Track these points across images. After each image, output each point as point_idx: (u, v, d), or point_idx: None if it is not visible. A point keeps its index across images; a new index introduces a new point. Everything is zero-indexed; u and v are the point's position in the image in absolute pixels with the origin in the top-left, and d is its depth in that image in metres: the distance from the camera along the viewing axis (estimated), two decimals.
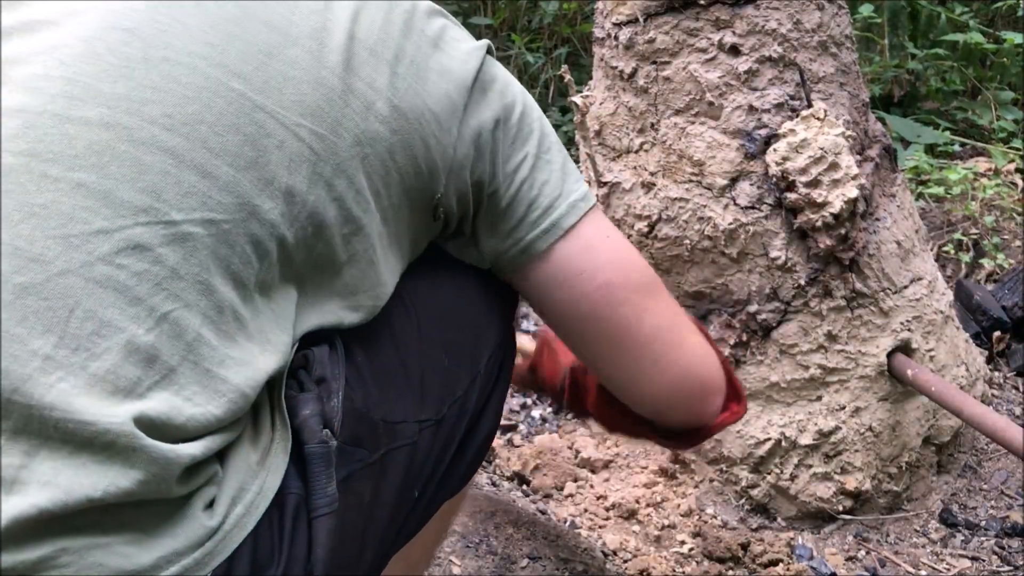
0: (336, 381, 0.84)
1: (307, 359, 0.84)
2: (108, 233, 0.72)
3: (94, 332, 0.70)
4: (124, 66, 0.77)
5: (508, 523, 1.65)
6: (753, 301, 1.69)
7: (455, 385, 0.96)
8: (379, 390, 0.88)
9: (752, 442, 1.71)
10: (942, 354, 1.78)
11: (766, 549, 1.62)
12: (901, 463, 1.74)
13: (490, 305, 1.02)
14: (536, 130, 0.98)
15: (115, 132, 0.75)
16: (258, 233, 0.78)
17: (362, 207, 0.85)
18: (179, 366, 0.72)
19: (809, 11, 1.66)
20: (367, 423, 0.86)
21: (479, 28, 4.28)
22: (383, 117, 0.85)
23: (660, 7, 1.66)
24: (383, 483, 0.87)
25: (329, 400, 0.82)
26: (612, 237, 1.01)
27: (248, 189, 0.77)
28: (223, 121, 0.77)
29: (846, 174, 1.61)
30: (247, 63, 0.80)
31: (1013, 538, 1.69)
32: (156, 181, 0.74)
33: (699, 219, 1.68)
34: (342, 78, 0.84)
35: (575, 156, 2.26)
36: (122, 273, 0.72)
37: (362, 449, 0.85)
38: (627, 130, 1.76)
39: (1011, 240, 2.55)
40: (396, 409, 0.89)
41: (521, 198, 0.96)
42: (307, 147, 0.80)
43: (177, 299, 0.73)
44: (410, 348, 0.93)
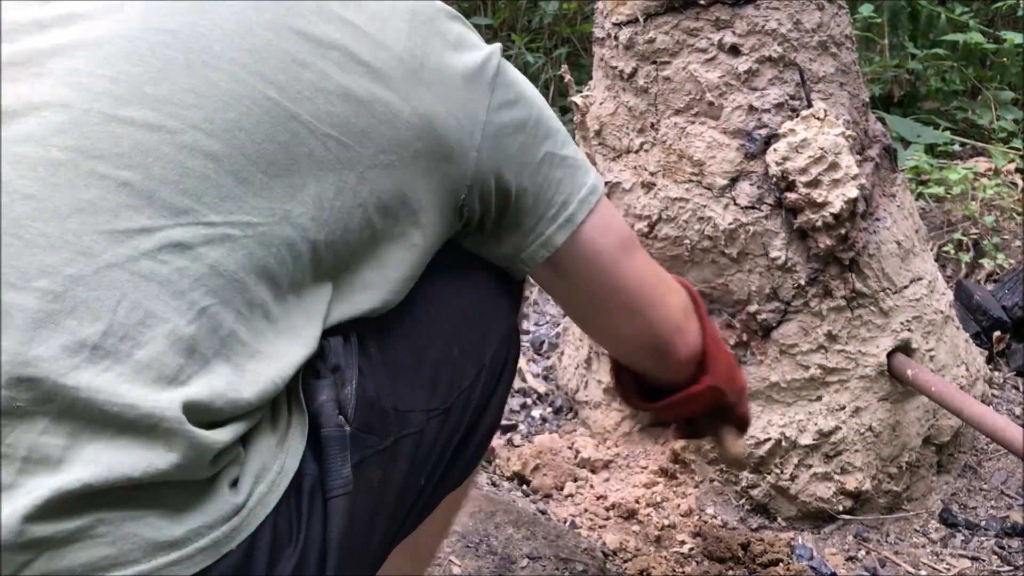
0: (350, 370, 0.87)
1: (323, 349, 0.87)
2: (151, 231, 0.75)
3: (140, 322, 0.73)
4: (167, 68, 0.79)
5: (508, 523, 1.65)
6: (753, 301, 1.69)
7: (462, 377, 1.00)
8: (390, 380, 0.92)
9: (752, 442, 1.71)
10: (942, 354, 1.78)
11: (766, 549, 1.62)
12: (901, 463, 1.74)
13: (498, 299, 1.07)
14: (553, 129, 1.05)
15: (160, 134, 0.77)
16: (291, 236, 0.81)
17: (383, 213, 0.88)
18: (213, 359, 0.76)
19: (809, 11, 1.66)
20: (378, 411, 0.89)
21: (479, 28, 4.28)
22: (409, 125, 0.89)
23: (660, 7, 1.66)
24: (392, 469, 0.91)
25: (343, 388, 0.86)
26: (615, 216, 1.12)
27: (280, 195, 0.81)
28: (260, 129, 0.80)
29: (846, 174, 1.61)
30: (282, 72, 0.83)
31: (1013, 538, 1.69)
32: (197, 185, 0.77)
33: (699, 219, 1.68)
34: (369, 89, 0.86)
35: None
36: (165, 268, 0.75)
37: (374, 436, 0.88)
38: (627, 130, 1.76)
39: (1011, 240, 2.55)
40: (406, 398, 0.93)
41: (541, 196, 1.02)
42: (334, 156, 0.84)
43: (215, 295, 0.76)
44: (420, 340, 0.97)
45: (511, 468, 1.86)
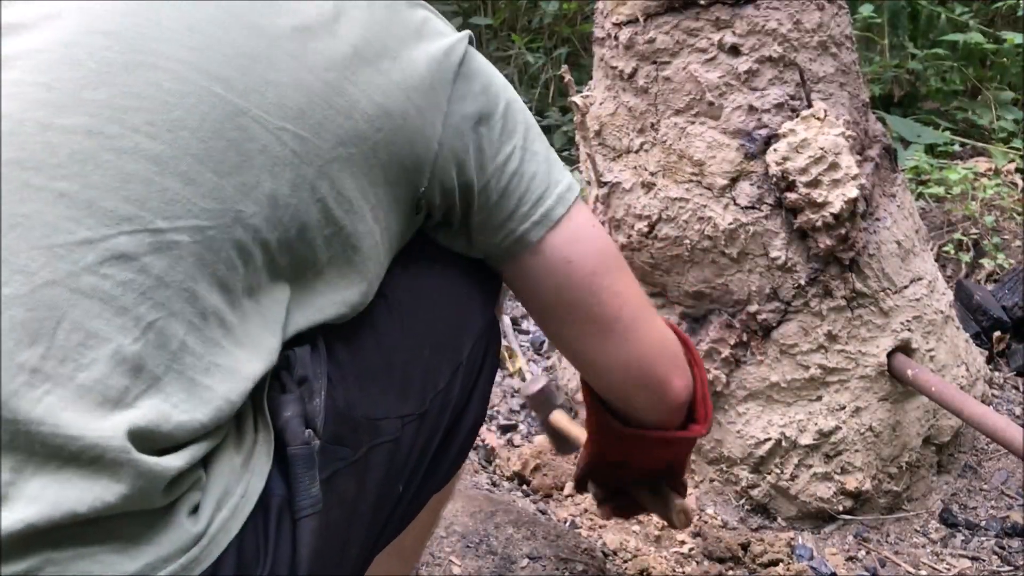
0: (318, 381, 0.84)
1: (289, 360, 0.84)
2: (92, 243, 0.72)
3: (81, 343, 0.70)
4: (105, 72, 0.77)
5: (508, 523, 1.65)
6: (753, 301, 1.69)
7: (437, 378, 0.97)
8: (361, 388, 0.89)
9: (752, 442, 1.71)
10: (942, 354, 1.78)
11: (766, 549, 1.62)
12: (901, 463, 1.74)
13: (471, 293, 1.03)
14: (521, 122, 0.99)
15: (98, 140, 0.74)
16: (242, 238, 0.77)
17: (344, 208, 0.84)
18: (164, 375, 0.72)
19: (809, 11, 1.66)
20: (349, 421, 0.86)
21: (479, 28, 4.28)
22: (367, 116, 0.85)
23: (660, 7, 1.66)
24: (366, 480, 0.88)
25: (311, 400, 0.83)
26: (595, 225, 1.04)
27: (232, 195, 0.77)
28: (206, 126, 0.77)
29: (846, 174, 1.61)
30: (229, 67, 0.79)
31: (1013, 538, 1.69)
32: (140, 190, 0.74)
33: (699, 219, 1.68)
34: (324, 79, 0.83)
35: (575, 156, 2.26)
36: (107, 283, 0.71)
37: (344, 447, 0.85)
38: (627, 130, 1.76)
39: (1011, 240, 2.55)
40: (378, 406, 0.90)
41: (512, 191, 0.97)
42: (289, 150, 0.80)
43: (162, 308, 0.73)
44: (392, 343, 0.94)
45: (511, 468, 1.86)
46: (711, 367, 1.71)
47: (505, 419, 2.05)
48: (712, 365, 1.71)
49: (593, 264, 1.01)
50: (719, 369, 1.71)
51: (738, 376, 1.72)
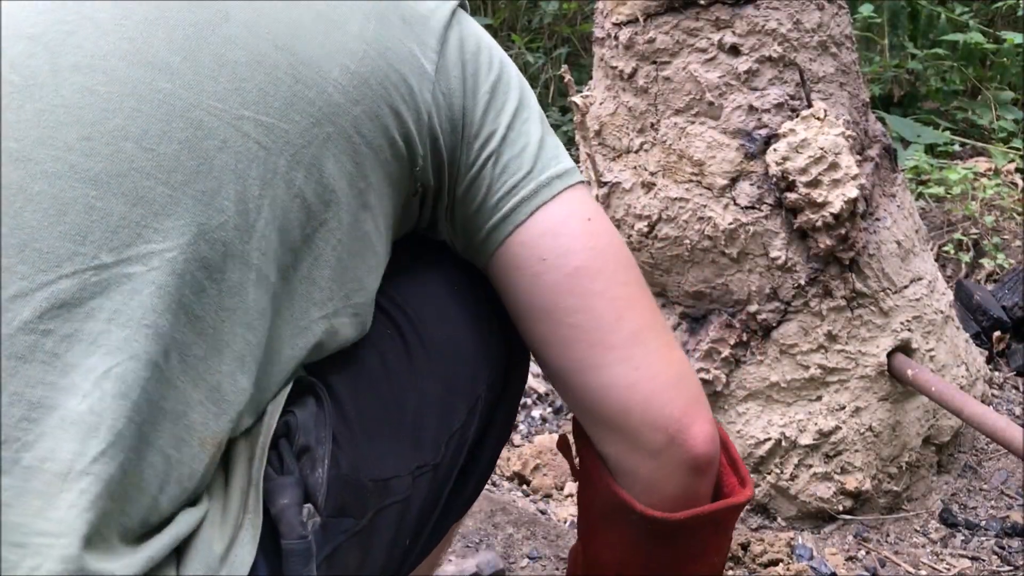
0: (322, 447, 0.74)
1: (289, 426, 0.74)
2: (27, 296, 0.61)
3: (23, 418, 0.60)
4: (29, 84, 0.66)
5: (508, 523, 1.66)
6: (753, 301, 1.69)
7: (453, 418, 0.85)
8: (369, 444, 0.78)
9: (752, 442, 1.71)
10: (942, 354, 1.78)
11: (766, 549, 1.62)
12: (901, 463, 1.74)
13: (490, 316, 0.89)
14: (513, 99, 0.85)
15: (26, 168, 0.63)
16: (208, 255, 0.67)
17: (325, 199, 0.73)
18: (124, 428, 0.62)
19: (809, 11, 1.66)
20: (354, 488, 0.76)
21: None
22: (341, 87, 0.73)
23: (660, 7, 1.66)
24: (371, 546, 0.78)
25: (313, 471, 0.73)
26: (594, 219, 0.86)
27: (191, 206, 0.66)
28: (152, 131, 0.66)
29: (846, 174, 1.61)
30: (173, 53, 0.69)
31: (1013, 538, 1.69)
32: (79, 220, 0.63)
33: (699, 219, 1.68)
34: (286, 49, 0.72)
35: (575, 156, 2.27)
36: (49, 340, 0.61)
37: (348, 518, 0.75)
38: (627, 130, 1.76)
39: (1011, 240, 2.55)
40: (388, 464, 0.79)
41: (484, 176, 0.84)
42: (254, 142, 0.69)
43: (119, 352, 0.63)
44: (404, 383, 0.82)
45: (511, 468, 1.86)
46: (711, 367, 1.71)
47: None
48: (712, 365, 1.71)
49: (578, 263, 0.83)
50: (719, 369, 1.71)
51: (738, 376, 1.72)
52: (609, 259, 0.85)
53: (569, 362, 0.85)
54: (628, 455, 0.87)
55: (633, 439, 0.85)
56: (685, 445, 0.84)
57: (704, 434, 0.84)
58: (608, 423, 0.86)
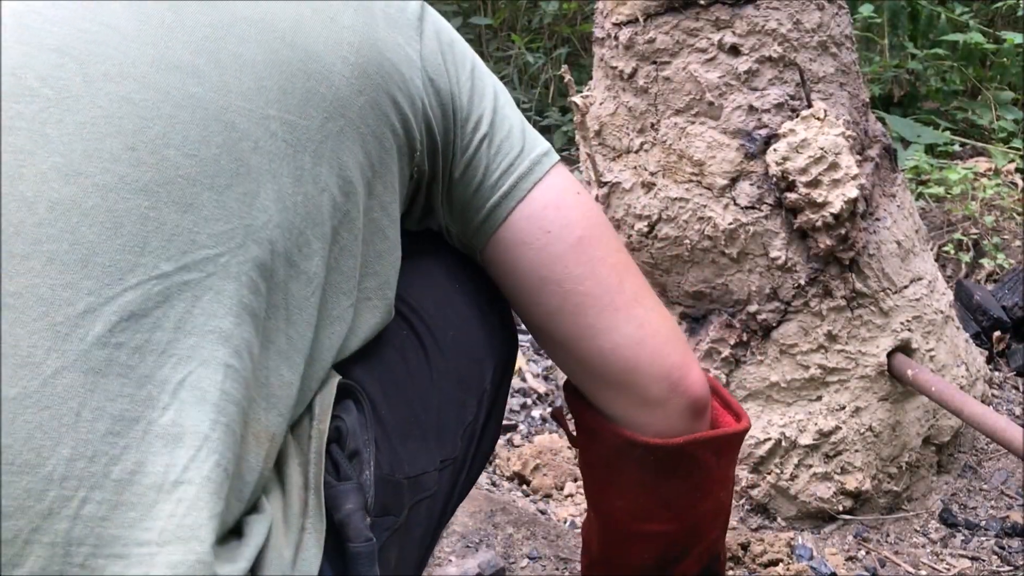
0: (367, 450, 0.77)
1: (339, 431, 0.76)
2: (95, 311, 0.62)
3: (108, 431, 0.61)
4: (64, 97, 0.65)
5: (508, 523, 1.66)
6: (753, 301, 1.69)
7: (466, 412, 0.89)
8: (402, 444, 0.81)
9: (752, 442, 1.71)
10: (942, 354, 1.78)
11: (766, 549, 1.62)
12: (901, 463, 1.74)
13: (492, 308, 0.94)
14: (490, 85, 0.89)
15: (77, 184, 0.63)
16: (259, 255, 0.68)
17: (346, 191, 0.75)
18: (212, 432, 0.63)
19: (809, 11, 1.66)
20: (393, 487, 0.79)
21: (479, 28, 4.28)
22: (345, 79, 0.75)
23: (660, 7, 1.66)
24: (407, 541, 0.82)
25: (361, 474, 0.76)
26: (581, 192, 0.91)
27: (236, 209, 0.67)
28: (192, 137, 0.67)
29: (846, 174, 1.61)
30: (196, 55, 0.69)
31: (1013, 538, 1.69)
32: (136, 232, 0.64)
33: (699, 219, 1.68)
34: (295, 45, 0.73)
35: (575, 156, 2.26)
36: (122, 353, 0.62)
37: (390, 516, 0.79)
38: (627, 130, 1.76)
39: (1011, 240, 2.55)
40: (418, 461, 0.83)
41: (480, 158, 0.87)
42: (281, 141, 0.70)
43: (190, 360, 0.64)
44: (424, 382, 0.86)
45: (511, 468, 1.86)
46: (711, 367, 1.71)
47: (505, 419, 2.04)
48: (712, 365, 1.71)
49: (580, 232, 0.88)
50: (719, 369, 1.71)
51: (738, 376, 1.72)
52: (603, 227, 0.91)
53: (580, 329, 0.89)
54: (634, 410, 0.92)
55: (641, 393, 0.91)
56: (687, 391, 0.91)
57: (699, 378, 0.92)
58: (616, 382, 0.91)
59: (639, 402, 0.91)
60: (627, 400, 0.92)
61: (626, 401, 0.92)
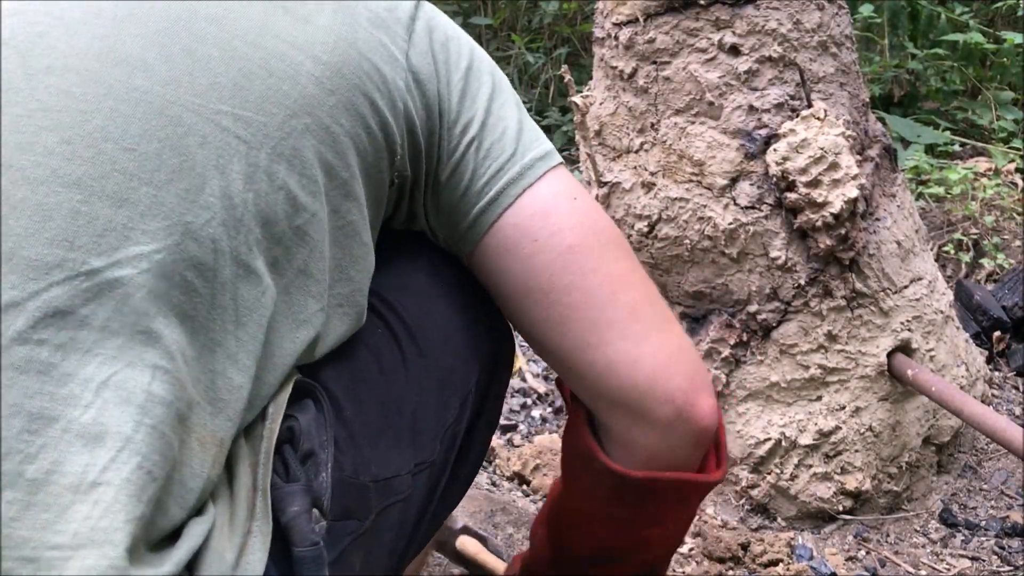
0: (324, 451, 0.74)
1: (292, 431, 0.74)
2: (19, 305, 0.60)
3: (23, 429, 0.59)
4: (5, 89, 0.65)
5: (508, 523, 1.66)
6: (753, 301, 1.69)
7: (446, 414, 0.86)
8: (370, 446, 0.79)
9: (752, 442, 1.71)
10: (942, 354, 1.78)
11: (766, 549, 1.62)
12: (901, 463, 1.74)
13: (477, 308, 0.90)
14: (487, 84, 0.86)
15: (7, 176, 0.62)
16: (198, 254, 0.66)
17: (310, 190, 0.73)
18: (135, 433, 0.61)
19: (809, 11, 1.66)
20: (357, 490, 0.77)
21: (479, 28, 4.28)
22: (315, 78, 0.73)
23: (660, 7, 1.66)
24: (375, 546, 0.79)
25: (317, 476, 0.73)
26: (580, 198, 0.87)
27: (176, 206, 0.66)
28: (132, 131, 0.66)
29: (846, 174, 1.61)
30: (146, 49, 0.68)
31: (1013, 538, 1.69)
32: (65, 226, 0.62)
33: (699, 219, 1.68)
34: (257, 43, 0.72)
35: (575, 156, 2.27)
36: (43, 350, 0.60)
37: (352, 520, 0.76)
38: (627, 130, 1.76)
39: (1011, 240, 2.55)
40: (390, 463, 0.80)
41: (467, 161, 0.84)
42: (234, 136, 0.69)
43: (115, 360, 0.62)
44: (399, 383, 0.83)
45: (511, 468, 1.86)
46: (711, 367, 1.71)
47: (505, 419, 2.04)
48: (712, 365, 1.71)
49: (571, 240, 0.83)
50: (719, 369, 1.71)
51: (738, 376, 1.72)
52: (599, 235, 0.86)
53: (569, 341, 0.85)
54: (633, 428, 0.87)
55: (641, 414, 0.85)
56: (693, 419, 0.85)
57: (710, 407, 0.86)
58: (614, 400, 0.86)
59: (637, 421, 0.86)
60: (624, 417, 0.87)
61: (623, 418, 0.87)
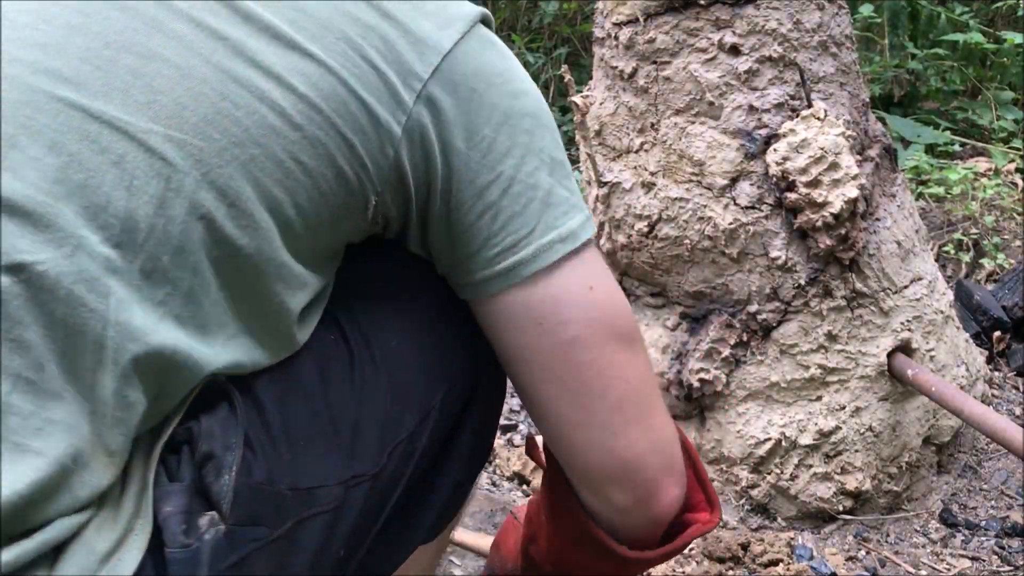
0: (230, 453, 0.72)
1: (191, 433, 0.72)
2: None
3: None
4: None
5: None
6: (753, 301, 1.69)
7: (398, 429, 0.82)
8: (291, 452, 0.76)
9: (752, 442, 1.71)
10: (942, 354, 1.78)
11: (766, 549, 1.62)
12: (901, 463, 1.74)
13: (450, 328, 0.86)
14: (520, 143, 0.79)
15: None
16: (89, 270, 0.65)
17: (240, 223, 0.70)
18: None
19: (809, 11, 1.66)
20: (269, 496, 0.74)
21: None
22: (279, 109, 0.70)
23: (660, 7, 1.66)
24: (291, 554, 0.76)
25: (218, 478, 0.71)
26: (596, 287, 0.83)
27: (71, 220, 0.64)
28: (41, 140, 0.65)
29: (846, 174, 1.61)
30: (86, 62, 0.67)
31: (1013, 538, 1.69)
32: None
33: (699, 219, 1.68)
34: (220, 66, 0.69)
35: (575, 156, 2.27)
36: None
37: (260, 527, 0.73)
38: (627, 130, 1.76)
39: (1011, 240, 2.55)
40: (313, 473, 0.77)
41: (480, 228, 0.79)
42: (158, 159, 0.66)
43: None
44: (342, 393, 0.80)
45: (511, 468, 1.86)
46: (711, 367, 1.71)
47: (505, 419, 2.05)
48: (712, 365, 1.71)
49: (576, 332, 0.81)
50: (719, 369, 1.71)
51: (738, 376, 1.72)
52: (604, 330, 0.83)
53: (549, 415, 0.86)
54: (592, 499, 0.89)
55: (603, 495, 0.88)
56: (650, 509, 0.87)
57: (669, 498, 0.87)
58: (580, 476, 0.88)
59: (602, 501, 0.88)
60: (588, 492, 0.89)
61: (587, 492, 0.89)
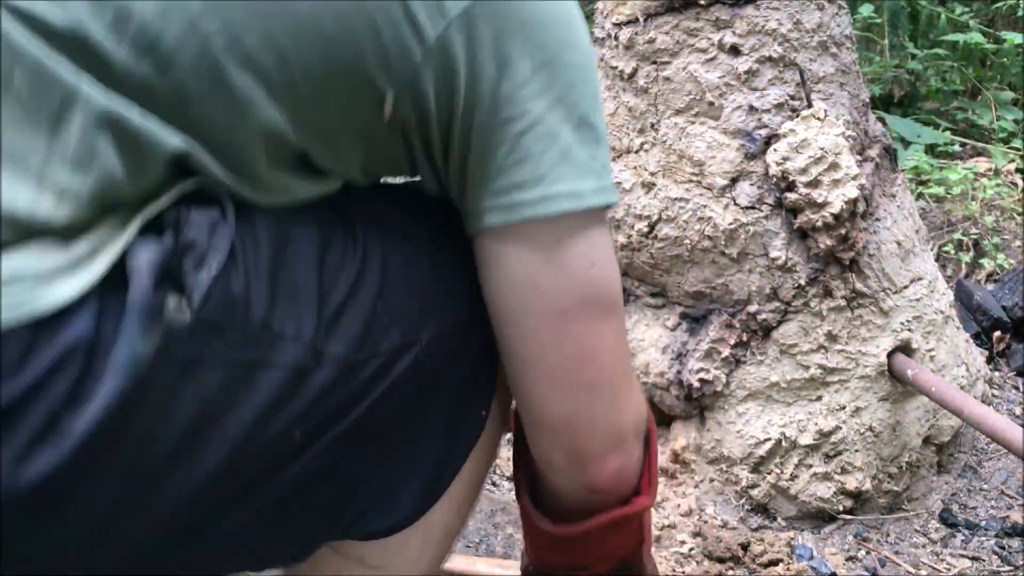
0: (215, 253, 0.69)
1: (178, 217, 0.70)
2: None
3: None
4: None
5: (508, 523, 1.66)
6: (753, 301, 1.69)
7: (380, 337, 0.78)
8: (272, 287, 0.72)
9: (752, 442, 1.71)
10: (942, 354, 1.78)
11: (766, 549, 1.62)
12: (901, 463, 1.74)
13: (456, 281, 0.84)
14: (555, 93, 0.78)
15: None
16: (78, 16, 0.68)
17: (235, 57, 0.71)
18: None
19: (809, 11, 1.66)
20: (239, 316, 0.70)
21: None
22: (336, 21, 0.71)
23: (660, 7, 1.66)
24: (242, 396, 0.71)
25: (197, 271, 0.68)
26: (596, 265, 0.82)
27: None
28: None
29: (846, 174, 1.61)
30: None
31: (1013, 538, 1.69)
32: None
33: (699, 219, 1.68)
34: None
35: None
36: None
37: (221, 342, 0.69)
38: (627, 130, 1.76)
39: (1011, 240, 2.55)
40: (287, 318, 0.73)
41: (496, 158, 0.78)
42: None
43: None
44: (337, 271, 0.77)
45: (511, 468, 1.86)
46: (711, 367, 1.71)
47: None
48: (712, 365, 1.71)
49: (567, 303, 0.81)
50: (719, 369, 1.71)
51: (738, 376, 1.72)
52: (596, 307, 0.83)
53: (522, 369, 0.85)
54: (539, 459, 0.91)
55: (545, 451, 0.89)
56: (583, 473, 0.88)
57: (607, 468, 0.87)
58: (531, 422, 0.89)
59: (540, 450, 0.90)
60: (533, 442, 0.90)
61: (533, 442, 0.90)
